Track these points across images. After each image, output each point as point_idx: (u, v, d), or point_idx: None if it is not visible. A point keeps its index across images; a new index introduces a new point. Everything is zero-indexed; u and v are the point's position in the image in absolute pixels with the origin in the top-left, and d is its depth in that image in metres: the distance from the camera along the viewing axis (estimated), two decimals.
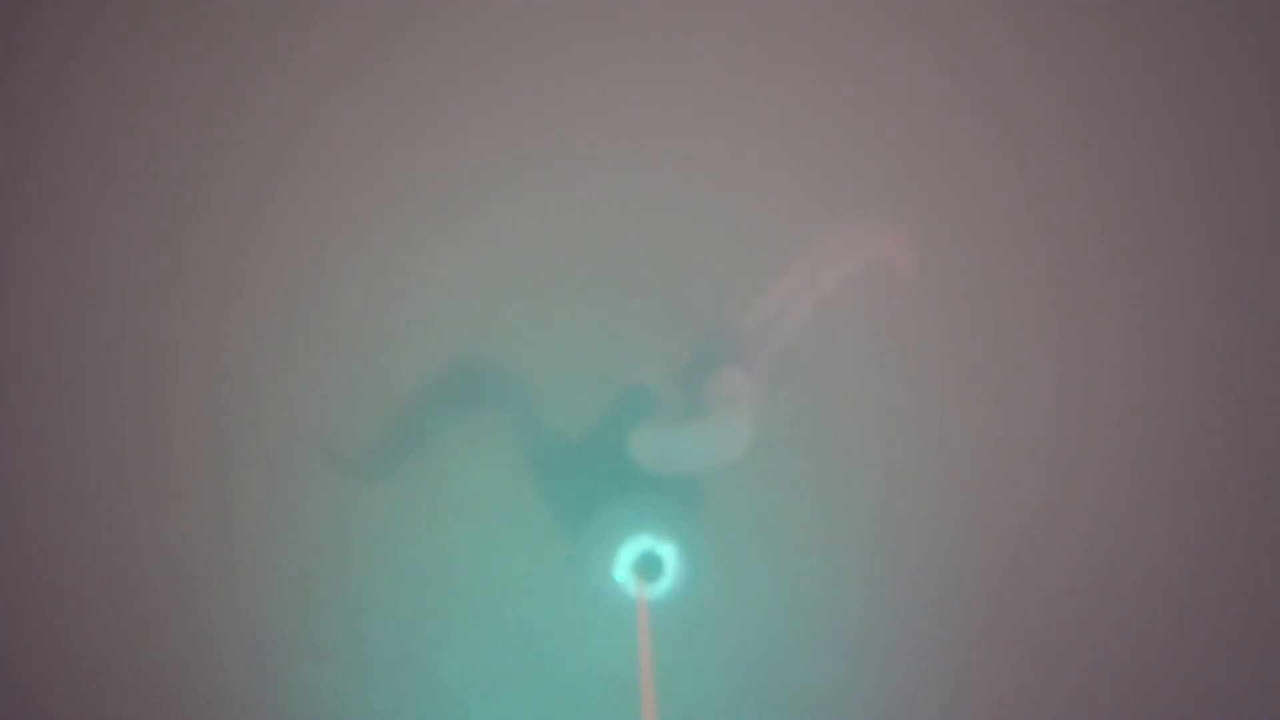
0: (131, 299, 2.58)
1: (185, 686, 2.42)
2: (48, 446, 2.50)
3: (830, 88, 2.69)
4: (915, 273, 2.46)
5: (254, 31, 2.69)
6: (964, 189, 2.64)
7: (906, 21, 2.70)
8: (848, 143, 2.65)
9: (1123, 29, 2.68)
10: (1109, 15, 2.68)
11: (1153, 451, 2.56)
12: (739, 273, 2.56)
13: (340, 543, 2.50)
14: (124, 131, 2.64)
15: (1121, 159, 2.66)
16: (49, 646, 2.43)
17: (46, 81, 2.63)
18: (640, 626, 1.53)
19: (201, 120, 2.66)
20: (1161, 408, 2.58)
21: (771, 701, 2.47)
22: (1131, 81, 2.67)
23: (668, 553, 1.80)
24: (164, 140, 2.65)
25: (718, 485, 2.07)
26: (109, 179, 2.62)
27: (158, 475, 2.50)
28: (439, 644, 2.48)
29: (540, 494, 2.10)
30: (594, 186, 2.68)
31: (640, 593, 1.70)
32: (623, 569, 1.79)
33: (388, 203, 2.67)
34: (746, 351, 2.19)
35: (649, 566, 1.77)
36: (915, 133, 2.66)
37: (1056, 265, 2.64)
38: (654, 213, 2.67)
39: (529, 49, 2.73)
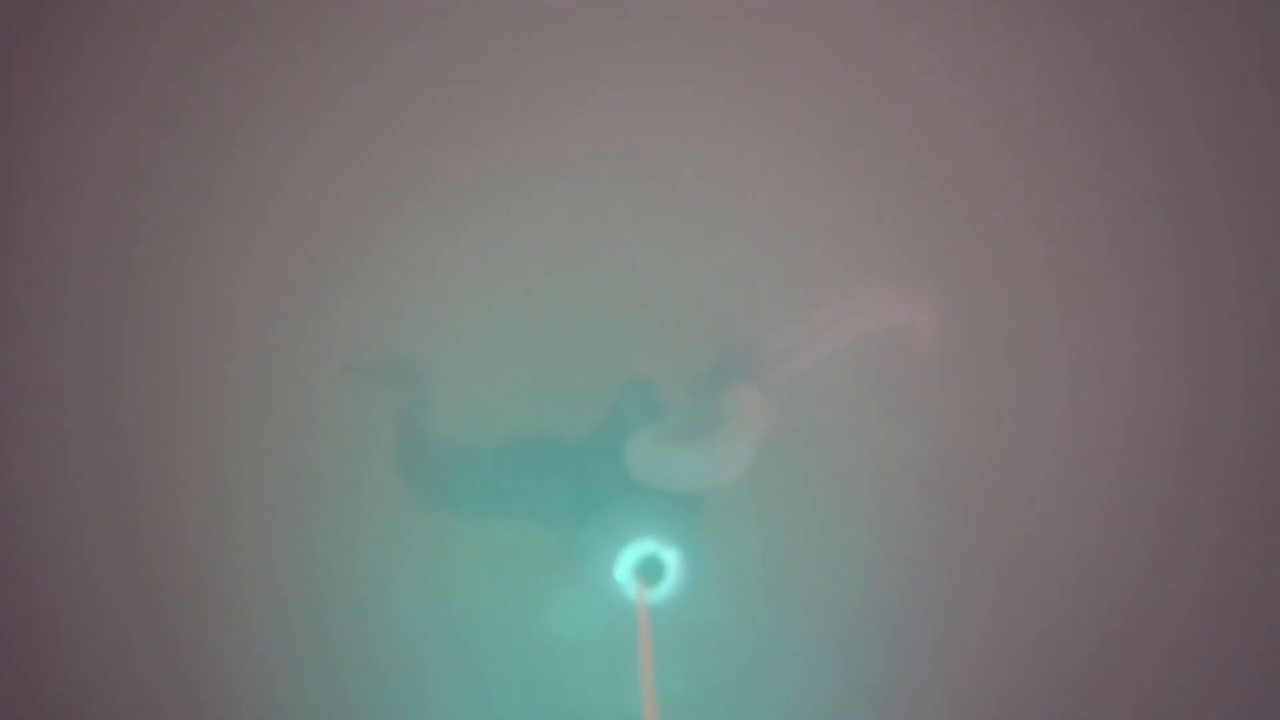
0: (131, 299, 2.59)
1: (185, 690, 2.44)
2: (47, 452, 2.51)
3: (859, 119, 2.69)
4: (934, 338, 2.48)
5: (252, 34, 2.69)
6: (999, 257, 2.64)
7: (954, 74, 2.70)
8: (892, 189, 2.66)
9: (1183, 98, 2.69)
10: (1170, 85, 2.69)
11: (1154, 461, 2.57)
12: (749, 286, 2.58)
13: (339, 542, 2.50)
14: (123, 131, 2.64)
15: (1160, 224, 2.66)
16: (49, 649, 2.45)
17: (43, 81, 2.64)
18: (641, 630, 1.54)
19: (198, 122, 2.65)
20: (1164, 416, 2.59)
21: (772, 705, 2.48)
22: (1182, 146, 2.68)
23: (669, 556, 1.81)
24: (162, 140, 2.64)
25: (720, 489, 2.07)
26: (107, 179, 2.62)
27: (158, 477, 2.51)
28: (438, 643, 2.49)
29: (544, 495, 2.11)
30: (607, 194, 2.67)
31: (641, 596, 1.71)
32: (624, 572, 1.79)
33: (395, 203, 2.66)
34: (762, 372, 2.20)
35: (650, 570, 1.77)
36: (961, 195, 2.67)
37: (1062, 283, 2.65)
38: (669, 222, 2.66)
39: (547, 51, 2.72)
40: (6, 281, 2.55)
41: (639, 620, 1.58)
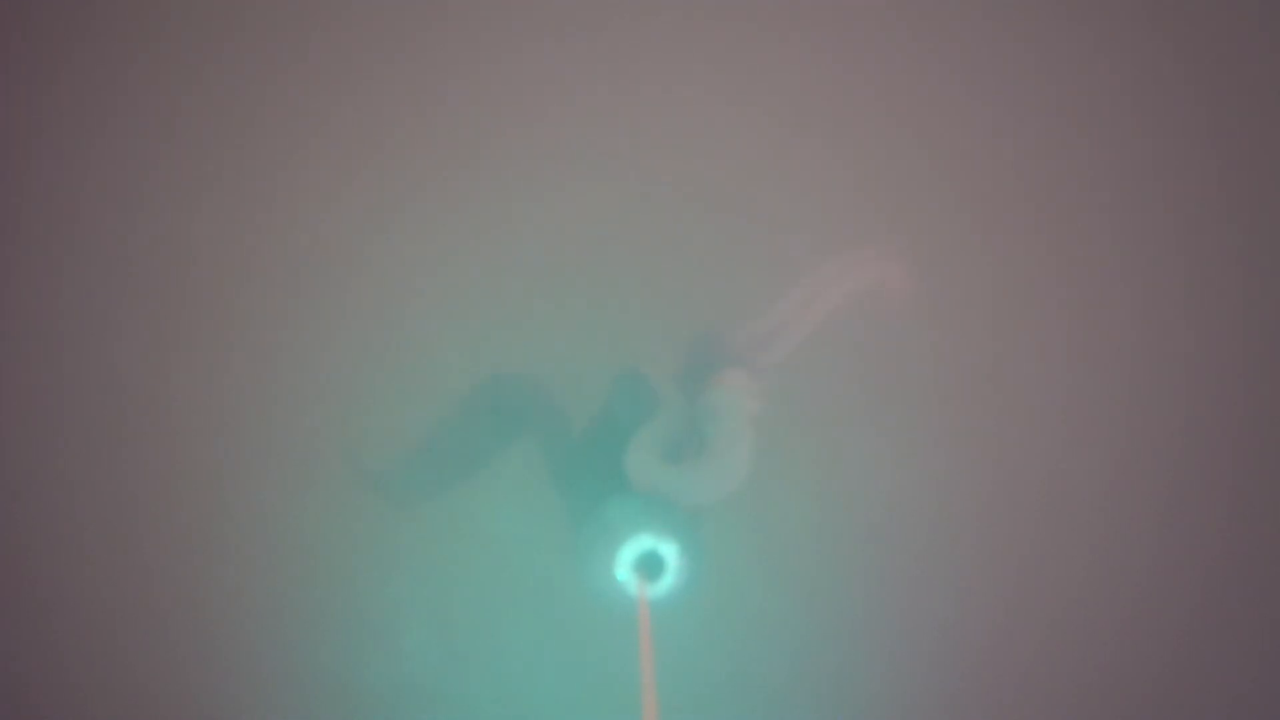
0: (129, 299, 2.58)
1: (183, 691, 2.42)
2: (47, 459, 2.49)
3: (841, 101, 2.69)
4: (912, 294, 2.47)
5: (258, 34, 2.69)
6: (965, 204, 2.64)
7: (924, 43, 2.70)
8: (852, 153, 2.66)
9: (1138, 49, 2.68)
10: (1125, 39, 2.68)
11: (1156, 463, 2.56)
12: (740, 275, 2.56)
13: (339, 544, 2.49)
14: (122, 131, 2.63)
15: (1124, 174, 2.67)
16: (46, 648, 2.43)
17: (48, 79, 2.63)
18: (641, 626, 1.52)
19: (205, 122, 2.66)
20: (1163, 414, 2.58)
21: (772, 702, 2.47)
22: (1141, 100, 2.68)
23: (669, 552, 1.80)
24: (168, 140, 2.64)
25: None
26: (114, 179, 2.62)
27: (159, 481, 2.50)
28: (438, 643, 2.48)
29: (542, 492, 2.10)
30: (599, 189, 2.68)
31: (641, 592, 1.70)
32: (624, 568, 1.78)
33: (386, 206, 2.67)
34: (747, 355, 2.20)
35: (650, 566, 1.76)
36: (920, 148, 2.66)
37: (1056, 277, 2.64)
38: (662, 216, 2.67)
39: (544, 51, 2.73)
40: (6, 281, 2.54)
41: (639, 616, 1.57)
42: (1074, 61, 2.69)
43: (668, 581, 1.80)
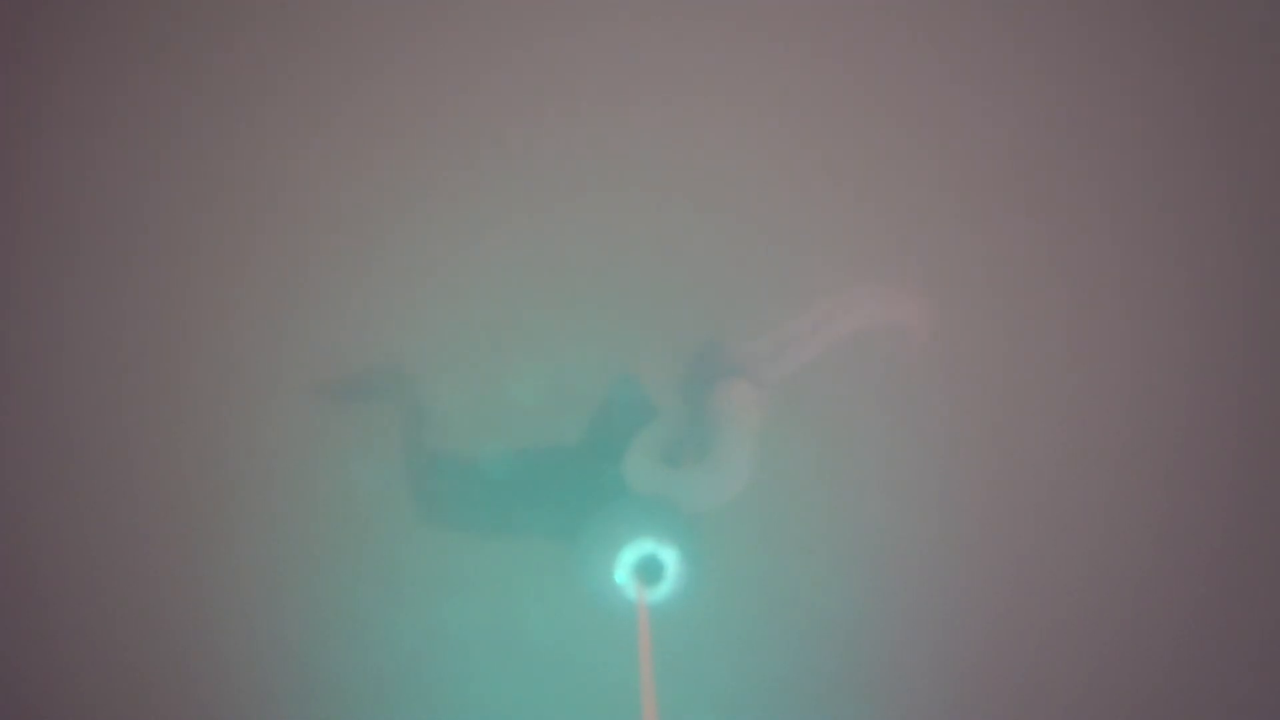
0: (131, 302, 2.58)
1: (183, 695, 2.42)
2: (47, 460, 2.49)
3: (880, 129, 2.68)
4: (929, 335, 2.47)
5: (264, 33, 2.68)
6: (990, 246, 2.64)
7: (949, 74, 2.69)
8: (881, 183, 2.66)
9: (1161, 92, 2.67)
10: (1150, 74, 2.67)
11: (1159, 490, 2.55)
12: (754, 291, 2.57)
13: (339, 547, 2.50)
14: (125, 133, 2.63)
15: (1150, 212, 2.66)
16: (49, 651, 2.44)
17: (50, 79, 2.63)
18: (641, 631, 1.53)
19: (199, 126, 2.65)
20: (1178, 455, 2.57)
21: (771, 706, 2.47)
22: (1175, 137, 2.67)
23: (668, 556, 1.80)
24: (164, 142, 2.64)
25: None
26: (112, 179, 2.61)
27: (159, 482, 2.50)
28: (438, 645, 2.48)
29: (540, 498, 2.10)
30: (600, 196, 2.67)
31: (641, 597, 1.70)
32: (623, 572, 1.78)
33: (388, 212, 2.66)
34: (752, 368, 2.19)
35: (650, 570, 1.76)
36: (951, 186, 2.66)
37: (1058, 277, 2.63)
38: (667, 226, 2.66)
39: (536, 58, 2.72)
40: (7, 282, 2.54)
41: (639, 620, 1.57)
42: (1114, 105, 2.69)
43: (667, 586, 1.80)
